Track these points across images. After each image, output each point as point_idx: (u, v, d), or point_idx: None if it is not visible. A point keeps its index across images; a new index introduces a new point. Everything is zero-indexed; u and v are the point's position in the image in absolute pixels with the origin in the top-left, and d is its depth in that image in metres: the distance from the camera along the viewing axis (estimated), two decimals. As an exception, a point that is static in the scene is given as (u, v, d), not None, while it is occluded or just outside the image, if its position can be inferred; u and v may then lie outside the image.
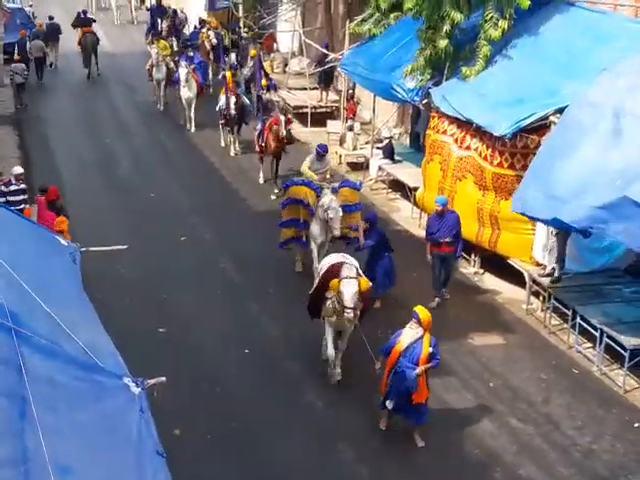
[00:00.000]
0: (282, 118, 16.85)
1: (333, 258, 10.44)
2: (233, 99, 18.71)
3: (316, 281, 10.43)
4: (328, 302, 9.88)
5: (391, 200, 17.34)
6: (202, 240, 14.99)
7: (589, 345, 11.30)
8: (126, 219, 15.77)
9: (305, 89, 22.64)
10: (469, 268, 13.91)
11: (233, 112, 18.73)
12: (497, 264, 13.48)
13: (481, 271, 13.82)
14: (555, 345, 11.63)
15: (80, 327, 5.68)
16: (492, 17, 13.74)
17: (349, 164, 19.08)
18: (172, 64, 23.43)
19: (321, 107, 22.40)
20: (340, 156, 19.31)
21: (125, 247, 9.44)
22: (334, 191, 12.50)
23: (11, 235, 7.04)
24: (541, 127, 12.23)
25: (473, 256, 13.92)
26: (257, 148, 17.57)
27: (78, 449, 4.35)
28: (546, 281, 12.10)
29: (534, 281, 12.42)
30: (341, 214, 12.10)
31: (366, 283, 9.80)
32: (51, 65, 28.18)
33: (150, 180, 18.17)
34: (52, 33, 28.31)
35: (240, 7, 29.15)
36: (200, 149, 20.47)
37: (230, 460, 8.94)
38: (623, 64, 10.92)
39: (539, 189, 10.75)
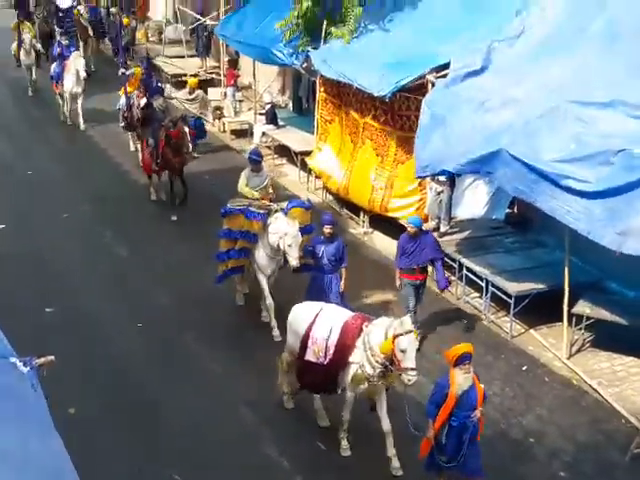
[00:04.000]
0: (185, 128, 14.67)
1: (328, 313, 8.69)
2: (144, 101, 16.06)
3: (326, 352, 8.42)
4: (354, 368, 8.24)
5: (278, 166, 17.31)
6: (84, 216, 14.58)
7: (476, 295, 11.69)
8: (3, 198, 15.13)
9: (183, 57, 22.20)
10: (358, 228, 14.12)
11: (140, 115, 16.11)
12: (385, 222, 13.70)
13: (370, 230, 14.03)
14: (444, 297, 11.94)
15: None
16: None
17: (233, 132, 18.91)
18: (39, 46, 23.11)
19: (201, 75, 22.05)
20: (223, 124, 19.18)
21: (2, 227, 9.05)
22: (284, 213, 10.78)
23: None
24: (421, 86, 12.46)
25: (362, 216, 14.15)
26: (148, 167, 15.01)
27: None
28: (432, 236, 12.38)
29: (421, 237, 12.68)
30: (300, 240, 10.30)
31: (416, 333, 8.08)
32: None
33: (27, 159, 17.51)
34: None
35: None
36: (87, 135, 19.80)
37: (123, 433, 8.82)
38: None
39: (431, 149, 11.12)
